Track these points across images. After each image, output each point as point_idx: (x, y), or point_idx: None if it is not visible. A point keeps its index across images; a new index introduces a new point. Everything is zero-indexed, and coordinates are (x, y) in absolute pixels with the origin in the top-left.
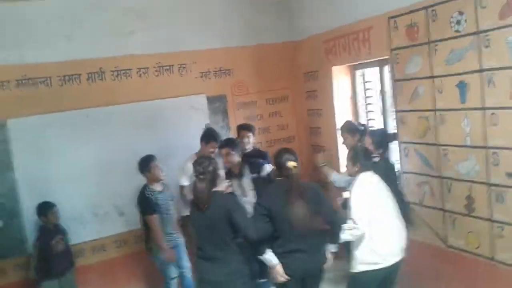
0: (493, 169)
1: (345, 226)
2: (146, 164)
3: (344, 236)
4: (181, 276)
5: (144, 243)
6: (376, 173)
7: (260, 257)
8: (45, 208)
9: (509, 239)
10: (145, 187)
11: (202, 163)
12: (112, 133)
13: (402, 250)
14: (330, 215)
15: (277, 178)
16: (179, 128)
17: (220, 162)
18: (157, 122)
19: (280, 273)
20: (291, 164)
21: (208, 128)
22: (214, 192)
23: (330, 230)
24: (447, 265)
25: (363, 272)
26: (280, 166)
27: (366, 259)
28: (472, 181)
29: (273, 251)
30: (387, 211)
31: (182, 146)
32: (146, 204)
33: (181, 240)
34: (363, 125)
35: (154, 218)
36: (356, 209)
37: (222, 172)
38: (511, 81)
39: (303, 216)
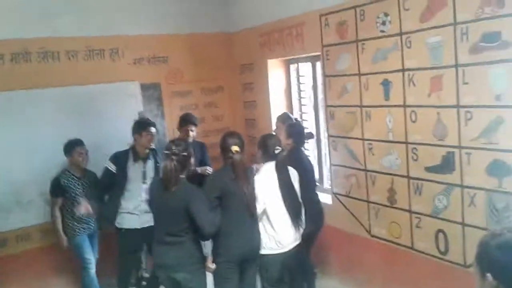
0: (413, 163)
1: None
2: (70, 147)
3: None
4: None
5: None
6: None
7: (203, 242)
8: None
9: (426, 229)
10: (63, 171)
11: (179, 145)
12: (38, 118)
13: (296, 238)
14: None
15: (224, 162)
16: (110, 115)
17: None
18: (87, 108)
19: (210, 262)
20: (234, 148)
21: (141, 117)
22: (180, 182)
23: None
24: (370, 254)
25: (264, 255)
26: (225, 151)
27: (266, 244)
28: (394, 174)
29: (217, 233)
30: (277, 203)
31: (113, 133)
32: (52, 185)
33: (96, 229)
34: (296, 119)
35: (54, 201)
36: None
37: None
38: (430, 81)
39: (252, 195)
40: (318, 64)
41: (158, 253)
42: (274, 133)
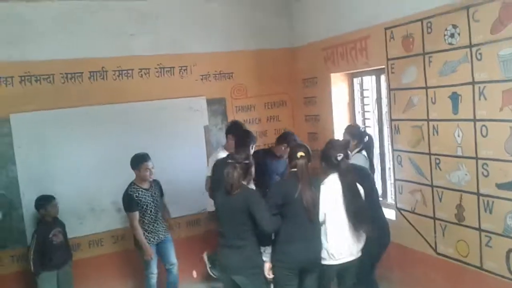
0: (483, 179)
1: None
2: (137, 162)
3: None
4: (167, 271)
5: (133, 239)
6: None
7: (262, 247)
8: (44, 201)
9: (497, 249)
10: (130, 184)
11: (241, 153)
12: (112, 131)
13: (353, 252)
14: None
15: (290, 170)
16: (178, 128)
17: None
18: (156, 122)
19: (267, 270)
20: (299, 154)
21: (235, 121)
22: (242, 184)
23: None
24: (436, 272)
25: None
26: (291, 158)
27: (322, 254)
28: (463, 191)
29: (278, 240)
30: (336, 214)
31: (180, 146)
32: (126, 201)
33: (169, 236)
34: (367, 134)
35: (133, 215)
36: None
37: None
38: (501, 94)
39: (313, 202)
40: (383, 77)
41: (223, 255)
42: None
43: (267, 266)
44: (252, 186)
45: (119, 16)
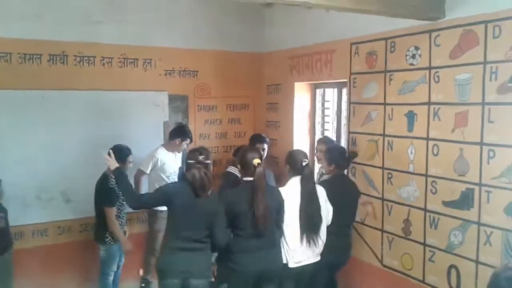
0: (431, 196)
1: None
2: (125, 155)
3: None
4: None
5: (94, 232)
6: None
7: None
8: None
9: (439, 263)
10: (107, 176)
11: (203, 153)
12: (67, 118)
13: (309, 256)
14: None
15: (243, 179)
16: (137, 121)
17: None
18: (115, 113)
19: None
20: (255, 161)
21: (181, 124)
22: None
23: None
24: (381, 284)
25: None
26: (245, 165)
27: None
28: (411, 206)
29: (231, 250)
30: (294, 218)
31: (138, 140)
32: (108, 195)
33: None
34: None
35: (113, 210)
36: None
37: None
38: (454, 117)
39: (265, 214)
40: (344, 91)
41: (181, 259)
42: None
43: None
44: None
45: (86, 2)
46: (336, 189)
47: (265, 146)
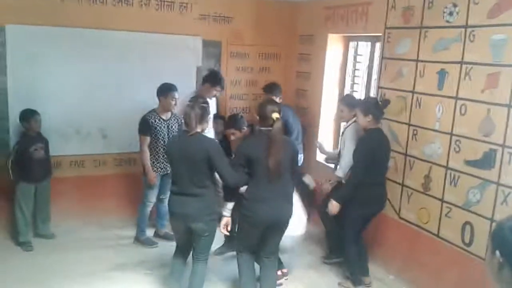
0: (454, 154)
1: None
2: (165, 90)
3: None
4: (160, 201)
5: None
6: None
7: (226, 202)
8: (28, 115)
9: (455, 219)
10: (151, 111)
11: (200, 98)
12: (105, 57)
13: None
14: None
15: (260, 128)
16: (170, 65)
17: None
18: (149, 55)
19: (223, 225)
20: (274, 115)
21: (214, 70)
22: (200, 134)
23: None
24: (396, 234)
25: None
26: (264, 117)
27: None
28: (433, 163)
29: (245, 197)
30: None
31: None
32: (141, 124)
33: None
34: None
35: (143, 139)
36: None
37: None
38: (486, 77)
39: (278, 166)
40: (378, 45)
41: (178, 203)
42: (276, 101)
43: (225, 221)
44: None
45: None
46: (374, 144)
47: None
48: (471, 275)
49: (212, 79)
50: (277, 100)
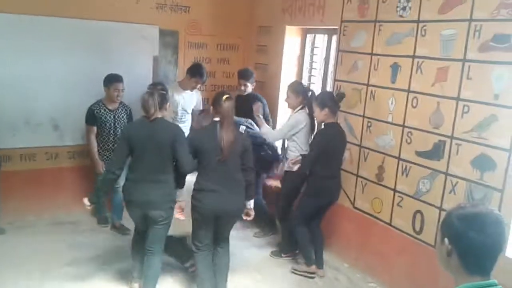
0: (405, 146)
1: None
2: (109, 81)
3: None
4: (114, 191)
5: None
6: None
7: (179, 189)
8: None
9: (406, 208)
10: (97, 101)
11: (159, 84)
12: (57, 46)
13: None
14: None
15: (213, 119)
16: (126, 54)
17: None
18: (103, 43)
19: (177, 208)
20: (224, 96)
21: (197, 62)
22: (162, 119)
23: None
24: (351, 224)
25: None
26: (216, 103)
27: None
28: (386, 154)
29: (194, 188)
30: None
31: (125, 72)
32: (87, 114)
33: None
34: (310, 90)
35: (89, 128)
36: None
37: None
38: (436, 71)
39: (232, 142)
40: (334, 38)
41: (138, 190)
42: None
43: (178, 204)
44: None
45: None
46: (329, 137)
47: (248, 83)
48: (421, 261)
49: (191, 70)
50: (250, 86)
